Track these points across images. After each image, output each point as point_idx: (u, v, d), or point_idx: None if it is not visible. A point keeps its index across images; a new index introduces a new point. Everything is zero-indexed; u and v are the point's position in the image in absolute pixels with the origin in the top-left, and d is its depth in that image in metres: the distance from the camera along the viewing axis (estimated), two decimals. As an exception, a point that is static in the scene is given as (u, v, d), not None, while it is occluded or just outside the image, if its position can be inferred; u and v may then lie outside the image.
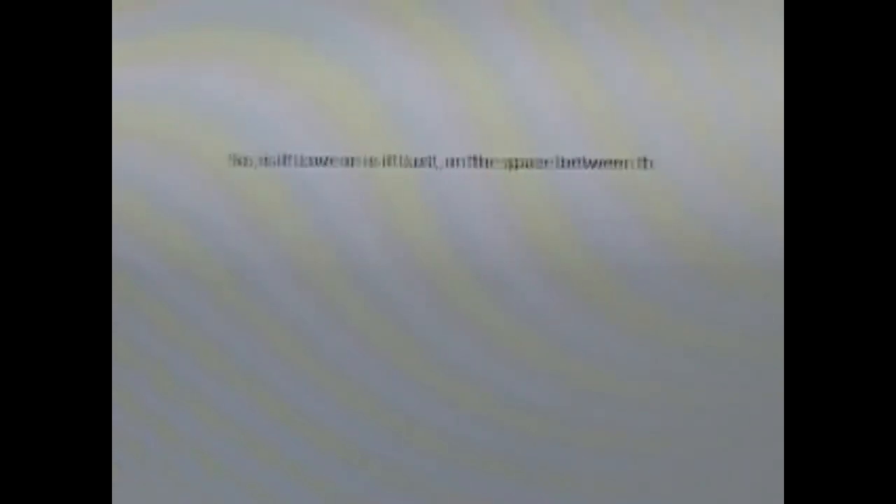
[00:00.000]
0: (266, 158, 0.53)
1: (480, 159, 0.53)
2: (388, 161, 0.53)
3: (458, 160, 0.53)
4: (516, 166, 0.53)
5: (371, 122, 0.53)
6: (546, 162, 0.52)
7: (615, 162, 0.52)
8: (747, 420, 0.54)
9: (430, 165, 0.53)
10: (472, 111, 0.53)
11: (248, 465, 0.56)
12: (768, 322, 0.53)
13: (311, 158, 0.53)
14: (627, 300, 0.53)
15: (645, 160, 0.52)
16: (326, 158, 0.53)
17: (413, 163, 0.53)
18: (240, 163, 0.53)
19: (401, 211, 0.53)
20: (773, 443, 0.54)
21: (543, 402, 0.54)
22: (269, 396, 0.55)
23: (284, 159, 0.53)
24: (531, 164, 0.53)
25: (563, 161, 0.52)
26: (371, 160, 0.53)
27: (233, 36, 0.53)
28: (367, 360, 0.54)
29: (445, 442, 0.55)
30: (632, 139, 0.52)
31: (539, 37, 0.53)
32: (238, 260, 0.54)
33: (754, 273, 0.53)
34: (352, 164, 0.53)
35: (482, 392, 0.54)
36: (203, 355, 0.55)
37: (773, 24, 0.53)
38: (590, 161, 0.52)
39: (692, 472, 0.55)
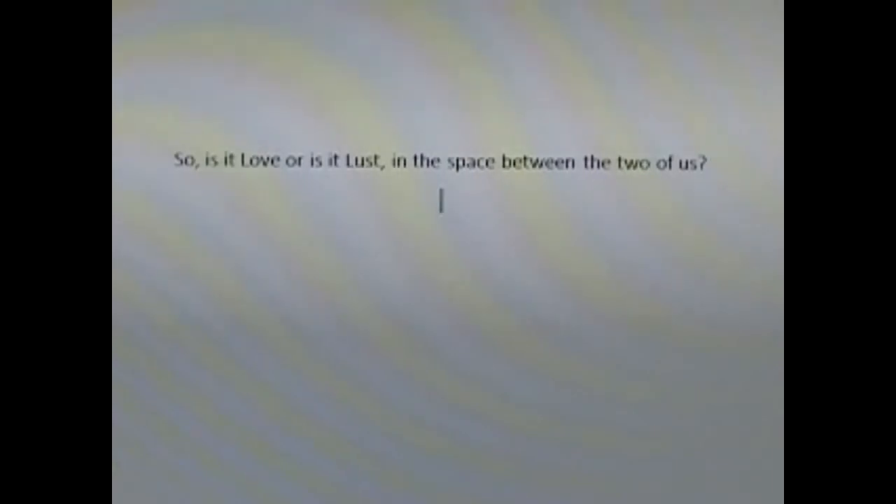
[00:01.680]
0: (266, 158, 0.53)
1: (480, 160, 0.53)
2: (396, 162, 0.53)
3: (461, 160, 0.53)
4: (515, 165, 0.53)
5: (372, 122, 0.53)
6: (545, 162, 0.52)
7: (614, 162, 0.52)
8: (747, 420, 0.54)
9: (432, 165, 0.53)
10: (472, 111, 0.53)
11: (247, 466, 0.56)
12: (769, 322, 0.53)
13: (312, 158, 0.53)
14: (628, 299, 0.53)
15: (648, 161, 0.52)
16: (321, 157, 0.53)
17: (402, 161, 0.53)
18: (231, 162, 0.53)
19: (406, 210, 0.53)
20: (773, 443, 0.54)
21: (544, 402, 0.54)
22: (268, 396, 0.55)
23: (279, 160, 0.53)
24: (531, 164, 0.53)
25: (562, 161, 0.52)
26: (374, 159, 0.53)
27: (233, 36, 0.53)
28: (366, 359, 0.54)
29: (445, 442, 0.55)
30: (634, 140, 0.52)
31: (540, 37, 0.53)
32: (238, 259, 0.54)
33: (756, 274, 0.53)
34: (355, 164, 0.53)
35: (482, 392, 0.54)
36: (204, 354, 0.55)
37: (774, 27, 0.53)
38: (589, 161, 0.52)
39: (692, 473, 0.55)
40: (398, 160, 0.53)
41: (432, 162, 0.53)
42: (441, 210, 0.53)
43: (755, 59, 0.52)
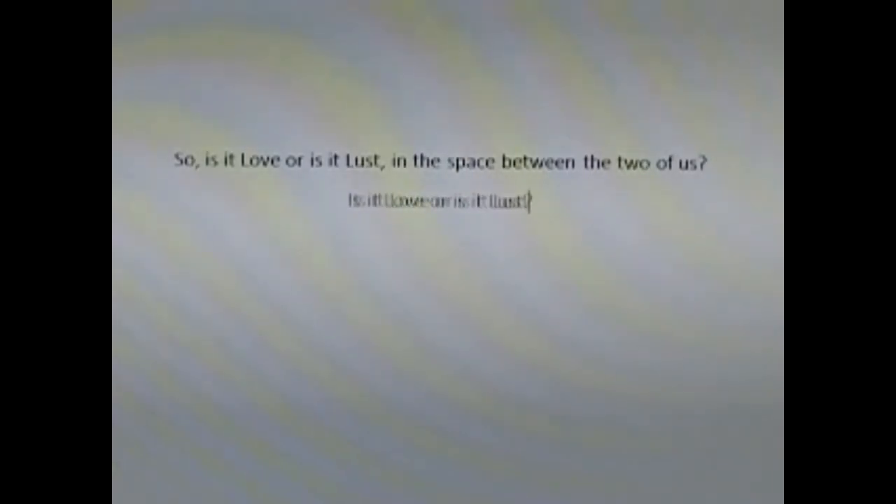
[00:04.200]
0: (266, 158, 0.53)
1: (480, 160, 0.53)
2: (396, 162, 0.53)
3: (462, 160, 0.53)
4: (515, 165, 0.53)
5: (372, 122, 0.53)
6: (545, 162, 0.53)
7: (614, 162, 0.52)
8: (747, 420, 0.54)
9: (432, 165, 0.53)
10: (472, 111, 0.53)
11: (247, 466, 0.56)
12: (768, 322, 0.53)
13: (312, 158, 0.53)
14: (628, 298, 0.53)
15: (648, 161, 0.52)
16: (321, 157, 0.53)
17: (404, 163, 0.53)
18: (231, 162, 0.53)
19: (405, 209, 0.53)
20: (772, 442, 0.54)
21: (544, 401, 0.54)
22: (268, 395, 0.55)
23: (279, 160, 0.53)
24: (531, 164, 0.53)
25: (562, 161, 0.53)
26: (374, 159, 0.53)
27: (233, 36, 0.53)
28: (366, 358, 0.54)
29: (445, 441, 0.55)
30: (634, 140, 0.52)
31: (541, 37, 0.53)
32: (238, 259, 0.54)
33: (756, 273, 0.53)
34: (355, 164, 0.53)
35: (482, 392, 0.54)
36: (203, 352, 0.55)
37: (774, 28, 0.53)
38: (589, 161, 0.52)
39: (692, 473, 0.55)
40: (398, 160, 0.53)
41: (432, 162, 0.53)
42: (440, 209, 0.53)
43: (755, 60, 0.52)
